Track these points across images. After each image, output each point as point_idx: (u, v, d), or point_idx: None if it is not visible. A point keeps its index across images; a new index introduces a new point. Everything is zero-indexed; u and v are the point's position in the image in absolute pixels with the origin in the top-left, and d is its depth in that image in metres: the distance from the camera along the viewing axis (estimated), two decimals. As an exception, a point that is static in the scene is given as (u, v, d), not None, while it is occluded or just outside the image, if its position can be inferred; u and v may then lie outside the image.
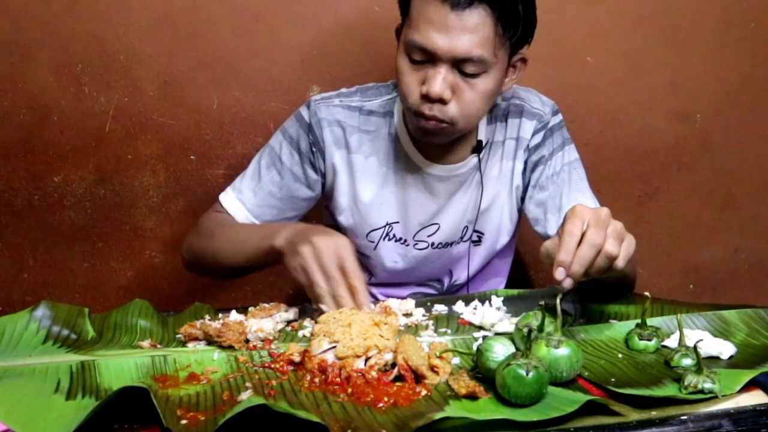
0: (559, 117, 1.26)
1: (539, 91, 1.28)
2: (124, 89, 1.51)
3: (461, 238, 1.28)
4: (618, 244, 0.85)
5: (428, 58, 1.05)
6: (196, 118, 1.55)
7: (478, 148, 1.21)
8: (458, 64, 1.04)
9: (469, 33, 1.02)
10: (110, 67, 1.49)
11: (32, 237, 1.58)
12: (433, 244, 1.28)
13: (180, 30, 1.49)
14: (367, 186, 1.23)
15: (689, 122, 1.75)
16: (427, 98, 1.06)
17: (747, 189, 1.84)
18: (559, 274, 0.83)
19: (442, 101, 1.06)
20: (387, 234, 1.27)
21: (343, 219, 1.27)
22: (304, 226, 1.09)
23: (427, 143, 1.17)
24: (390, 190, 1.24)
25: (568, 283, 0.83)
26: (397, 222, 1.26)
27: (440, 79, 1.04)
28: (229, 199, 1.23)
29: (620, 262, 0.86)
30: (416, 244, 1.28)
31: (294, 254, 0.99)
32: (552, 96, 1.29)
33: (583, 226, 0.85)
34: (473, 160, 1.22)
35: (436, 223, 1.26)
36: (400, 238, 1.27)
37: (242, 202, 1.22)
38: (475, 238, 1.29)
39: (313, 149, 1.21)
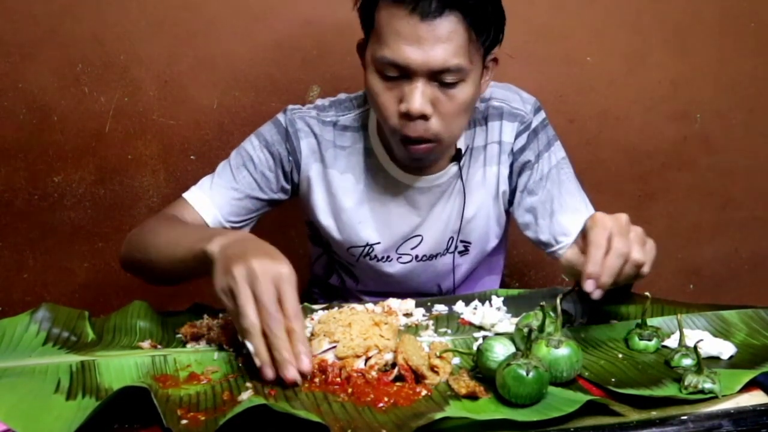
0: (542, 115, 1.21)
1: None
2: (124, 89, 1.51)
3: (446, 249, 1.25)
4: (643, 251, 0.85)
5: (402, 74, 1.00)
6: (196, 118, 1.55)
7: (457, 157, 1.17)
8: (435, 75, 0.99)
9: (442, 43, 0.97)
10: (110, 67, 1.49)
11: (32, 237, 1.58)
12: (417, 256, 1.24)
13: (180, 30, 1.49)
14: (345, 203, 1.20)
15: (689, 122, 1.75)
16: (407, 116, 1.01)
17: (747, 189, 1.84)
18: (589, 286, 0.82)
19: (424, 117, 1.01)
20: (368, 254, 1.24)
21: (322, 233, 1.25)
22: (245, 236, 0.91)
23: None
24: (368, 207, 1.20)
25: (597, 295, 0.82)
26: (378, 243, 1.22)
27: (418, 95, 0.99)
28: (194, 195, 1.16)
29: (646, 268, 0.85)
30: (399, 257, 1.24)
31: (225, 272, 0.81)
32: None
33: (607, 235, 0.84)
34: (453, 168, 1.18)
35: (419, 235, 1.22)
36: (382, 257, 1.24)
37: (210, 198, 1.16)
38: (461, 248, 1.25)
39: (290, 158, 1.18)
